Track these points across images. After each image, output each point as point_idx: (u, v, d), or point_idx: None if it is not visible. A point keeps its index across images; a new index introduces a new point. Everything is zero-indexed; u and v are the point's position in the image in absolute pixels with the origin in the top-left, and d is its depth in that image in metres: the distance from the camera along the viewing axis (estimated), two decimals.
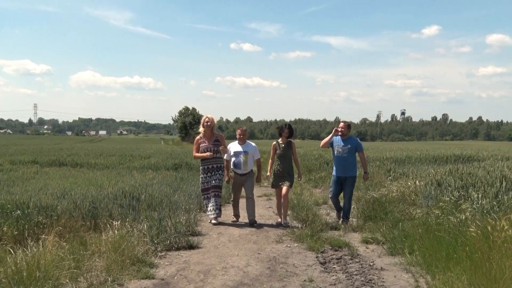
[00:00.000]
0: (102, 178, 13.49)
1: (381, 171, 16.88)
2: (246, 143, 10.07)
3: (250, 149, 9.98)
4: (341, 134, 9.65)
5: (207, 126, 9.80)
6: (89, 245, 6.92)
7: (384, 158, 22.12)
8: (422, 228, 7.71)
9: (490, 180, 10.10)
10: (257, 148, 10.20)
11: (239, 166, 9.82)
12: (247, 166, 9.87)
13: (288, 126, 9.96)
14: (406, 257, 7.04)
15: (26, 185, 10.53)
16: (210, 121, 9.86)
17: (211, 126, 9.84)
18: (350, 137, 9.84)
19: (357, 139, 9.94)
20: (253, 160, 10.06)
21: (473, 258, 5.67)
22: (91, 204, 8.65)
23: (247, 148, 9.94)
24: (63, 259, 6.10)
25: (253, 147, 10.09)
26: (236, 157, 9.89)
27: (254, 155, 10.07)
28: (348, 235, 8.65)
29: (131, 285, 5.89)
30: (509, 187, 9.41)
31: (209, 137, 9.79)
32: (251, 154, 9.97)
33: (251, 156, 9.97)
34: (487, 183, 9.90)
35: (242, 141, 10.03)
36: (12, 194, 8.51)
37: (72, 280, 5.71)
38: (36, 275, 5.52)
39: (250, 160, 9.95)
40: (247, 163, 9.84)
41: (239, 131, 10.16)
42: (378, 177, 15.51)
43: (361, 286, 6.02)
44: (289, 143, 9.89)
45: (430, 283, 5.84)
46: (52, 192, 9.46)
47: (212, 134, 9.84)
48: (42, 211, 7.89)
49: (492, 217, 6.97)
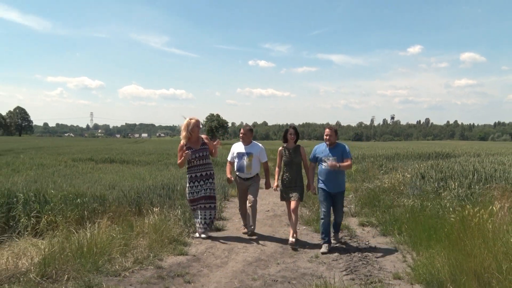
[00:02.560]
0: (144, 172, 13.58)
1: (375, 166, 16.82)
2: (252, 143, 7.60)
3: (256, 151, 7.50)
4: (328, 143, 6.80)
5: (193, 131, 7.20)
6: (135, 227, 6.97)
7: (377, 155, 22.08)
8: (409, 213, 7.70)
9: (465, 173, 10.05)
10: (263, 149, 7.64)
11: (242, 169, 7.41)
12: (251, 169, 7.40)
13: (293, 127, 7.31)
14: (395, 237, 7.02)
15: (84, 178, 10.63)
16: (198, 123, 7.31)
17: (198, 130, 7.32)
18: (338, 145, 6.86)
19: (345, 146, 6.84)
20: (259, 163, 7.57)
21: (451, 238, 5.65)
22: (136, 194, 8.69)
23: (251, 150, 7.49)
24: (114, 238, 6.17)
25: (259, 148, 7.56)
26: (239, 159, 7.49)
27: (261, 157, 7.55)
28: (347, 220, 8.62)
29: (169, 260, 5.93)
30: (480, 179, 9.37)
31: (195, 142, 7.26)
32: (257, 156, 7.49)
33: (257, 159, 7.50)
34: (462, 175, 9.87)
35: (246, 141, 7.56)
36: (74, 186, 8.60)
37: (121, 255, 5.79)
38: (94, 250, 5.62)
39: (255, 162, 7.48)
40: (251, 166, 7.40)
41: (242, 130, 7.66)
42: (372, 171, 15.46)
43: (358, 261, 6.01)
44: (297, 147, 7.17)
45: (415, 258, 5.83)
46: (105, 184, 9.54)
47: (198, 138, 7.31)
48: (97, 199, 7.96)
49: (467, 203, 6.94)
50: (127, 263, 5.53)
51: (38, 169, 13.39)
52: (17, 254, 5.33)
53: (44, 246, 5.51)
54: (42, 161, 16.68)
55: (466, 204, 6.66)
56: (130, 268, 5.39)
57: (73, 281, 4.82)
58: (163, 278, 5.20)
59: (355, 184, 13.14)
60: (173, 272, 5.39)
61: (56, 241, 5.74)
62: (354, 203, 10.26)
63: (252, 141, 7.64)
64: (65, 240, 5.85)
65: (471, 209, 6.04)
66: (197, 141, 7.24)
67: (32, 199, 7.38)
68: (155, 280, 5.13)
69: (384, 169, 15.54)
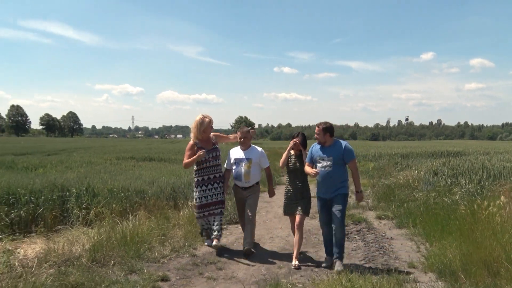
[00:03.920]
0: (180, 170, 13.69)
1: (391, 163, 16.62)
2: (251, 147, 6.07)
3: (255, 156, 5.98)
4: (319, 142, 5.42)
5: (206, 131, 5.91)
6: (171, 219, 7.07)
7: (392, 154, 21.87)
8: (422, 207, 7.59)
9: (474, 170, 9.81)
10: (264, 153, 6.14)
11: (240, 177, 5.93)
12: (250, 177, 5.91)
13: (301, 134, 5.91)
14: (410, 229, 6.92)
15: (126, 175, 10.78)
16: (211, 123, 5.97)
17: (211, 130, 6.01)
18: (334, 144, 5.35)
19: (344, 145, 5.34)
20: (259, 170, 6.09)
21: (462, 229, 5.55)
22: (172, 189, 8.74)
23: (250, 155, 5.97)
24: (153, 229, 6.27)
25: (259, 152, 6.04)
26: (236, 165, 5.99)
27: (261, 163, 6.03)
28: (365, 213, 8.53)
29: (202, 249, 5.99)
30: (489, 175, 9.13)
31: (206, 141, 5.97)
32: (256, 162, 5.98)
33: (256, 165, 5.99)
34: (472, 172, 9.64)
35: (245, 145, 6.03)
36: (118, 181, 8.74)
37: (160, 244, 5.89)
38: (136, 239, 5.74)
39: (255, 169, 5.96)
40: (249, 173, 5.89)
41: (239, 133, 6.08)
42: (388, 168, 15.27)
43: (376, 251, 5.96)
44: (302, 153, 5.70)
45: (428, 249, 5.75)
46: (145, 180, 9.64)
47: (209, 137, 6.02)
48: (138, 193, 8.03)
49: (477, 198, 6.79)
50: (165, 251, 5.62)
51: (87, 166, 13.67)
52: (71, 241, 5.49)
53: (93, 235, 5.67)
54: (90, 159, 17.01)
55: (476, 199, 6.52)
56: (167, 255, 5.49)
57: (118, 266, 4.94)
58: (197, 265, 5.26)
59: (372, 180, 13.01)
60: (206, 260, 5.44)
61: (103, 231, 5.89)
62: (371, 197, 10.15)
63: (251, 145, 6.12)
64: (111, 229, 5.99)
65: (481, 203, 5.92)
66: (209, 141, 5.99)
67: (83, 193, 7.57)
68: (190, 267, 5.20)
69: (399, 166, 15.32)
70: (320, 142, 5.39)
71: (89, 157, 18.93)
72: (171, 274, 4.92)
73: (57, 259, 4.88)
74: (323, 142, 5.36)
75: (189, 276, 4.90)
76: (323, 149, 5.36)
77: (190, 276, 4.92)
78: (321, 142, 5.38)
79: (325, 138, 5.33)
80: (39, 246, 5.44)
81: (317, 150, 5.41)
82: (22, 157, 18.56)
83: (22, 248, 5.44)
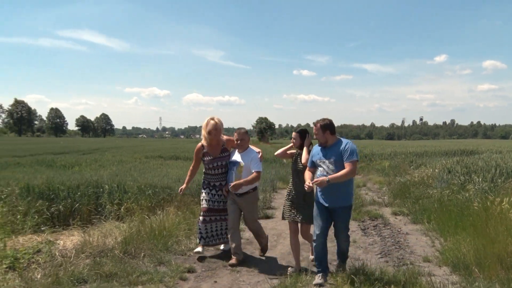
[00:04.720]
0: None
1: (406, 162, 16.41)
2: (247, 150, 5.18)
3: (247, 159, 5.06)
4: (320, 143, 4.45)
5: (210, 133, 5.14)
6: (196, 214, 7.12)
7: (407, 153, 21.62)
8: (437, 204, 7.46)
9: (487, 168, 9.56)
10: (257, 157, 5.09)
11: (230, 182, 5.03)
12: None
13: (300, 131, 4.91)
14: (425, 225, 6.83)
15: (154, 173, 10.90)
16: (217, 126, 5.16)
17: (219, 134, 5.23)
18: (337, 143, 4.34)
19: (347, 144, 4.28)
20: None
21: (476, 225, 5.45)
22: (197, 185, 8.79)
23: (243, 158, 5.09)
24: (180, 223, 6.35)
25: (252, 156, 5.08)
26: (230, 169, 5.20)
27: (251, 166, 5.03)
28: (381, 209, 8.43)
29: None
30: (502, 173, 8.89)
31: (215, 147, 5.24)
32: (247, 166, 5.04)
33: (248, 169, 5.04)
34: (485, 170, 9.39)
35: (242, 148, 5.16)
36: (146, 179, 8.85)
37: (186, 237, 5.96)
38: (164, 233, 5.81)
39: (248, 175, 5.01)
40: (240, 179, 4.99)
41: (235, 135, 5.17)
42: (403, 166, 15.06)
43: (392, 245, 5.90)
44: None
45: (443, 243, 5.67)
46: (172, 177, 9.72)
47: (218, 143, 5.25)
48: (165, 190, 8.11)
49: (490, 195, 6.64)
50: (191, 245, 5.66)
51: (118, 165, 13.88)
52: (104, 234, 5.61)
53: (125, 229, 5.78)
54: (121, 158, 17.28)
55: (489, 196, 6.38)
56: (193, 248, 5.52)
57: (148, 258, 5.02)
58: (221, 258, 5.29)
59: (388, 178, 12.86)
60: (229, 253, 5.47)
61: (133, 225, 6.00)
62: (387, 195, 10.03)
63: (249, 147, 5.25)
64: (141, 224, 6.09)
65: (494, 199, 5.80)
66: (218, 146, 5.24)
67: (115, 190, 7.71)
68: (214, 259, 5.24)
69: (414, 164, 15.08)
70: (321, 143, 4.44)
71: (120, 156, 19.24)
72: (197, 266, 4.97)
73: (93, 250, 5.01)
74: (324, 142, 4.39)
75: (214, 268, 4.94)
76: (324, 150, 4.38)
77: (215, 268, 4.95)
78: (322, 142, 4.41)
79: (325, 137, 4.35)
80: (76, 238, 5.61)
81: (317, 152, 4.44)
82: (60, 156, 19.01)
83: (61, 239, 5.64)
